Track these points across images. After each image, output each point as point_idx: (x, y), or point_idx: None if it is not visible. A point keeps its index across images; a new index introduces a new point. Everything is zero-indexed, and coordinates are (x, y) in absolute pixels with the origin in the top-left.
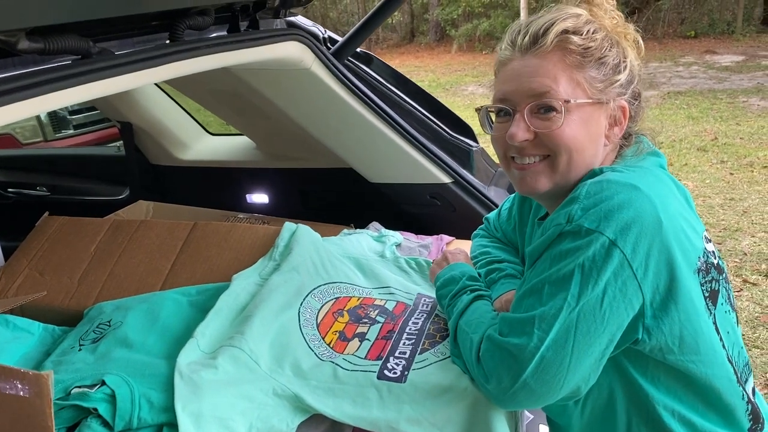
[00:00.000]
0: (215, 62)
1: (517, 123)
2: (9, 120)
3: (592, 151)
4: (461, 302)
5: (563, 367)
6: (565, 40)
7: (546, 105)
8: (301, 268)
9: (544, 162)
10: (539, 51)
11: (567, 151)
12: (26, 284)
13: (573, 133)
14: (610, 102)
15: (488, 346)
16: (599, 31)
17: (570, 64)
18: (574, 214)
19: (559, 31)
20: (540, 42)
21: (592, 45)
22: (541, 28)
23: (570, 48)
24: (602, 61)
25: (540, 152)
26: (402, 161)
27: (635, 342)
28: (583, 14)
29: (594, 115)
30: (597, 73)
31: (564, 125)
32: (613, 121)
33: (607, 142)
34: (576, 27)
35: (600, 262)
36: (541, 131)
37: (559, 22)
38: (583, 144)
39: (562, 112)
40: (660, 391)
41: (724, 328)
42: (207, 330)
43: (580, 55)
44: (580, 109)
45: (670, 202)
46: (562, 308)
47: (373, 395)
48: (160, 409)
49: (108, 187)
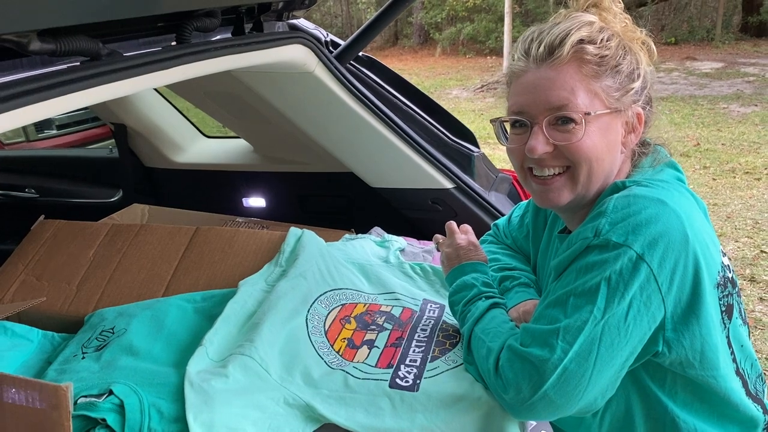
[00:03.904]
0: (222, 65)
1: (535, 136)
2: (20, 123)
3: (611, 160)
4: (477, 309)
5: (584, 379)
6: (580, 50)
7: (565, 117)
8: (308, 274)
9: (565, 175)
10: (555, 62)
11: (587, 162)
12: (23, 290)
13: (593, 143)
14: (627, 110)
15: (509, 356)
16: (613, 39)
17: (586, 75)
18: (601, 228)
19: (575, 42)
20: (556, 53)
21: (607, 54)
22: (556, 38)
23: (586, 58)
24: (617, 69)
25: (560, 164)
26: (404, 166)
27: (655, 354)
28: (595, 21)
29: (612, 123)
30: (613, 82)
31: (585, 137)
32: (629, 128)
33: (624, 149)
34: (591, 36)
35: (627, 275)
36: (561, 143)
37: (574, 32)
38: (602, 153)
39: (583, 124)
40: (677, 404)
41: (737, 342)
42: (215, 338)
43: (596, 65)
44: (598, 119)
45: (695, 217)
46: (588, 321)
47: (385, 404)
48: (171, 419)
49: (99, 189)
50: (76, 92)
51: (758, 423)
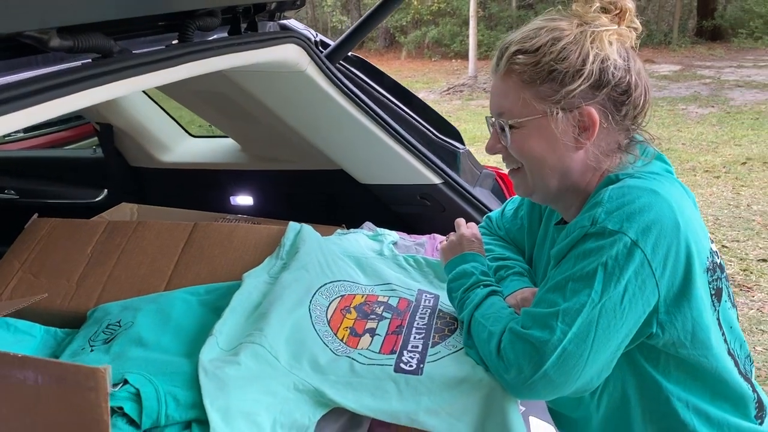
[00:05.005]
0: (223, 63)
1: (492, 136)
2: (36, 120)
3: (558, 158)
4: (476, 296)
5: (582, 359)
6: (513, 62)
7: (499, 123)
8: (310, 266)
9: (521, 171)
10: (499, 72)
11: (529, 161)
12: (21, 287)
13: (527, 146)
14: (573, 109)
15: (510, 338)
16: (560, 41)
17: (521, 83)
18: (598, 217)
19: (510, 54)
20: (499, 65)
21: (542, 60)
22: (500, 51)
23: (518, 69)
24: (554, 74)
25: (513, 162)
26: (393, 162)
27: (649, 336)
28: (546, 26)
29: (549, 126)
30: (550, 86)
31: (518, 141)
32: (582, 126)
33: (580, 146)
34: (528, 46)
35: (622, 261)
36: (506, 145)
37: (513, 45)
38: (543, 153)
39: (507, 130)
40: (671, 382)
41: (727, 324)
42: (224, 328)
43: (529, 73)
44: (534, 122)
45: (685, 206)
46: (586, 304)
47: (391, 388)
48: (187, 406)
49: (82, 190)
50: (93, 88)
51: (749, 401)
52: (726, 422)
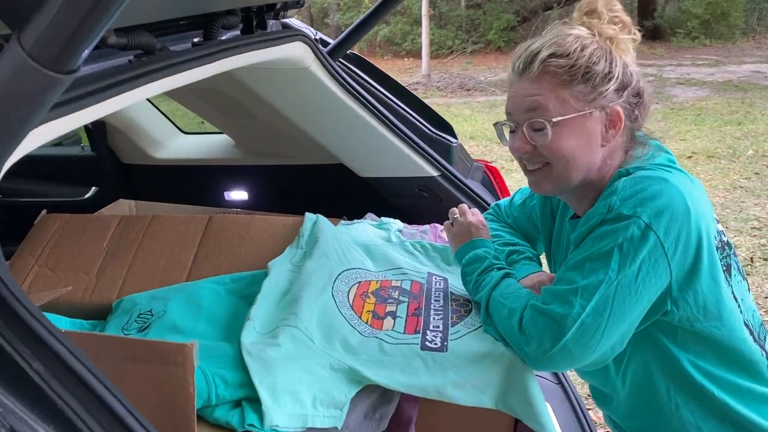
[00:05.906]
0: (242, 61)
1: (519, 137)
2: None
3: (588, 155)
4: (492, 278)
5: (599, 332)
6: (548, 64)
7: (536, 122)
8: (330, 254)
9: (545, 169)
10: (529, 75)
11: (562, 159)
12: (38, 282)
13: (565, 144)
14: (604, 109)
15: (532, 313)
16: (588, 47)
17: (557, 83)
18: (613, 204)
19: (544, 58)
20: (530, 68)
21: (578, 63)
22: (530, 56)
23: (554, 71)
24: (588, 75)
25: (539, 160)
26: (393, 155)
27: (665, 314)
28: (572, 33)
29: (585, 124)
30: (584, 87)
31: (555, 139)
32: (609, 125)
33: (605, 143)
34: (560, 51)
35: (637, 242)
36: (537, 144)
37: (544, 50)
38: (575, 151)
39: (548, 128)
40: (689, 354)
41: (740, 296)
42: (258, 313)
43: (566, 75)
44: (570, 122)
45: (693, 191)
46: (603, 281)
47: (419, 364)
48: (236, 386)
49: (68, 188)
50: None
51: (763, 367)
52: (741, 387)
